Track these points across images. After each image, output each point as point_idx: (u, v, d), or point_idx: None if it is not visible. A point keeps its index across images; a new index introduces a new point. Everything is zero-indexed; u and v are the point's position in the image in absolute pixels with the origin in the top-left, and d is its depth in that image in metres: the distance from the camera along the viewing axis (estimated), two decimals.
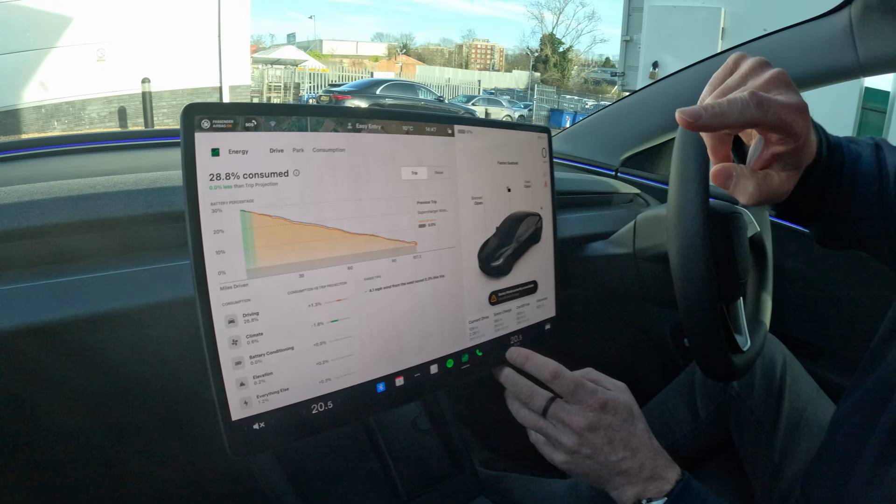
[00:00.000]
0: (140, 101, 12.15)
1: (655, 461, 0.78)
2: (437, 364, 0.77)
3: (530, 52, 61.72)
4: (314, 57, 39.91)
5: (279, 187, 0.61)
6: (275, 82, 20.32)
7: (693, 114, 0.56)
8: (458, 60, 69.61)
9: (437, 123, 0.75)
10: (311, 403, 0.65)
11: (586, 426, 0.76)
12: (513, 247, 0.84)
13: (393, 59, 63.39)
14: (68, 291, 0.68)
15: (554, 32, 59.77)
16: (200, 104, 0.56)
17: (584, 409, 0.77)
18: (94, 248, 0.74)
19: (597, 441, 0.77)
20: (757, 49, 1.70)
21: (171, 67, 13.20)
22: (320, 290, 0.65)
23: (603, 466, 0.77)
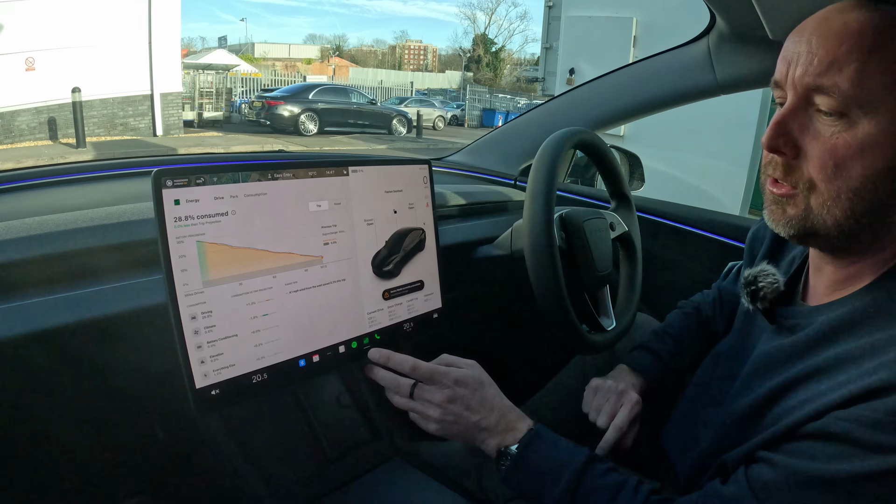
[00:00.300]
0: (70, 111, 11.92)
1: (508, 417, 1.00)
2: (344, 345, 1.03)
3: (463, 52, 61.58)
4: (246, 61, 39.13)
5: (222, 223, 0.86)
6: (206, 88, 19.84)
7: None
8: (392, 61, 68.89)
9: (334, 167, 1.00)
10: (251, 375, 0.90)
11: (445, 399, 0.98)
12: (400, 255, 1.10)
13: (326, 61, 62.36)
14: (64, 303, 0.88)
15: (486, 32, 59.75)
16: (166, 170, 0.81)
17: (441, 388, 0.99)
18: (81, 271, 0.93)
19: (456, 409, 0.98)
20: (631, 73, 1.96)
21: (102, 75, 12.88)
22: (254, 293, 0.90)
23: (467, 428, 0.98)
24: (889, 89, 0.70)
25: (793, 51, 0.77)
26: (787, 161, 0.78)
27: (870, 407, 0.68)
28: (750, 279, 0.96)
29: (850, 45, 0.71)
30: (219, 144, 14.44)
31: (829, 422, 0.71)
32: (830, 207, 0.75)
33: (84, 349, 0.91)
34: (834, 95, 0.72)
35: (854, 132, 0.72)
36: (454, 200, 1.60)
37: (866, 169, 0.72)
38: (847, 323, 0.79)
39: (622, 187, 1.60)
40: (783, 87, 0.79)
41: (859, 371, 0.72)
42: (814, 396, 0.76)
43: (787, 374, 0.82)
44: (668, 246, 1.94)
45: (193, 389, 0.85)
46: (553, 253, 1.21)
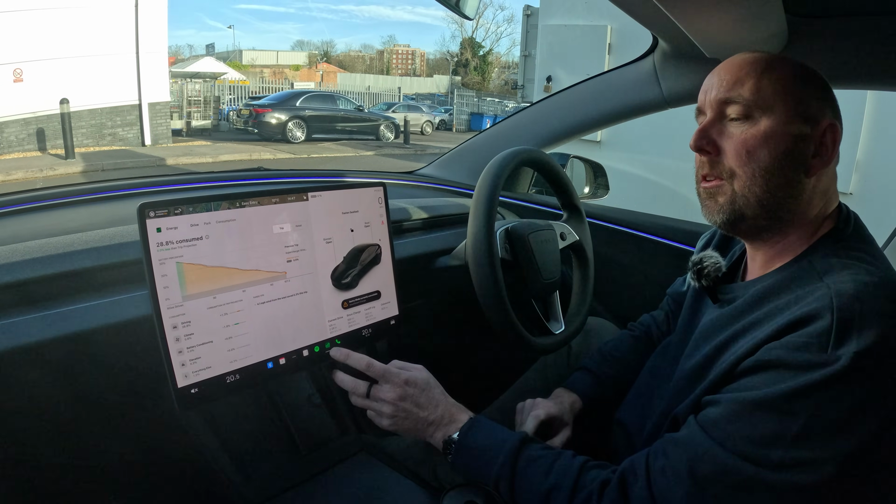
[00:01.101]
0: (59, 122, 11.90)
1: (451, 411, 1.13)
2: (308, 349, 1.17)
3: (450, 56, 61.30)
4: (234, 68, 38.95)
5: (197, 247, 1.00)
6: (194, 96, 19.76)
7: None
8: (380, 66, 68.29)
9: (295, 193, 1.15)
10: (225, 376, 1.04)
11: (397, 397, 1.12)
12: (357, 269, 1.24)
13: (314, 67, 61.78)
14: (59, 318, 1.00)
15: (474, 36, 59.38)
16: (149, 203, 0.96)
17: (394, 386, 1.13)
18: (75, 288, 1.06)
19: (407, 406, 1.12)
20: (582, 91, 2.08)
21: (90, 85, 12.87)
22: (227, 305, 1.04)
23: (416, 423, 1.12)
24: (779, 95, 0.94)
25: (708, 83, 1.01)
26: (711, 159, 0.99)
27: (796, 334, 0.82)
28: (696, 260, 1.11)
29: (747, 69, 0.97)
30: (207, 153, 14.43)
31: (762, 354, 0.85)
32: (751, 186, 0.95)
33: (79, 357, 1.03)
34: (740, 102, 0.95)
35: (758, 128, 0.94)
36: (417, 214, 1.72)
37: (771, 153, 0.94)
38: (775, 287, 0.94)
39: (572, 199, 1.73)
40: (703, 110, 1.01)
41: (782, 315, 0.87)
42: (749, 342, 0.89)
43: (726, 333, 0.96)
44: (625, 252, 2.05)
45: (176, 388, 0.99)
46: (493, 263, 1.35)
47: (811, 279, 0.90)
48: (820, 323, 0.81)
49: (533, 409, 1.34)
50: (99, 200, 1.51)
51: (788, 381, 0.80)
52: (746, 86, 0.95)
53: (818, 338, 0.80)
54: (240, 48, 62.93)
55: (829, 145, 0.95)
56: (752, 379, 0.85)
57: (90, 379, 1.08)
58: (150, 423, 1.17)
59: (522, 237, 1.52)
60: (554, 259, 1.60)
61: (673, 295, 1.48)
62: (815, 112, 0.95)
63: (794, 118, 0.94)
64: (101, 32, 13.09)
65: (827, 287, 0.85)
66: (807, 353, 0.80)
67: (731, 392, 0.87)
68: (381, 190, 1.31)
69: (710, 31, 1.36)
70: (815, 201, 0.97)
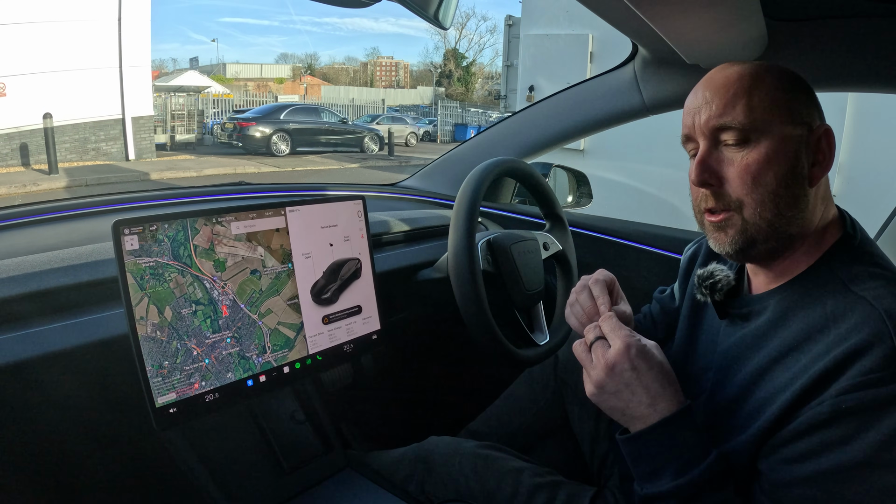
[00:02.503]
0: (42, 137, 11.82)
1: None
2: (288, 366, 1.15)
3: (434, 67, 61.59)
4: (218, 81, 38.89)
5: None
6: (178, 110, 19.76)
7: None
8: (364, 79, 68.57)
9: (273, 208, 1.14)
10: (205, 394, 1.03)
11: (613, 363, 0.93)
12: (337, 284, 1.23)
13: (298, 80, 62.03)
14: (36, 336, 0.99)
15: (457, 47, 59.68)
16: (124, 220, 0.95)
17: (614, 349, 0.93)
18: (51, 307, 1.05)
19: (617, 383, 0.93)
20: (565, 99, 2.08)
21: (73, 99, 12.80)
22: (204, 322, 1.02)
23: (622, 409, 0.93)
24: (772, 112, 0.90)
25: (693, 106, 0.95)
26: (714, 191, 0.93)
27: (858, 367, 0.78)
28: (706, 275, 1.06)
29: (735, 90, 0.91)
30: (191, 167, 14.40)
31: (834, 403, 0.79)
32: (761, 212, 0.91)
33: (55, 377, 1.01)
34: (736, 127, 0.90)
35: (758, 150, 0.89)
36: (398, 227, 1.71)
37: (777, 174, 0.89)
38: (800, 300, 0.91)
39: (555, 208, 1.72)
40: (693, 137, 0.96)
41: (832, 338, 0.83)
42: (799, 372, 0.84)
43: (761, 356, 0.92)
44: (609, 261, 2.03)
45: (154, 408, 0.97)
46: (474, 275, 1.33)
47: (838, 289, 0.87)
48: (880, 349, 0.77)
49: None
50: (77, 217, 1.49)
51: (881, 427, 0.76)
52: (738, 108, 0.90)
53: (888, 366, 0.76)
54: (224, 61, 63.16)
55: (826, 150, 0.93)
56: (834, 432, 0.79)
57: (68, 399, 1.05)
58: (130, 443, 1.16)
59: (505, 248, 1.51)
60: (537, 269, 1.59)
61: (661, 302, 1.44)
62: (807, 119, 0.92)
63: (790, 132, 0.90)
64: (85, 46, 13.04)
65: (871, 306, 0.81)
66: (884, 389, 0.76)
67: (818, 456, 0.80)
68: (360, 203, 1.30)
69: (689, 38, 1.35)
70: (818, 209, 0.94)
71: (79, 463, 1.15)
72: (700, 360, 1.10)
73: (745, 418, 0.91)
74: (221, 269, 1.06)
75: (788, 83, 0.93)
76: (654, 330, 1.39)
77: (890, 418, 0.75)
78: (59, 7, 12.42)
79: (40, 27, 12.26)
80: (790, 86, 0.93)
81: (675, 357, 1.18)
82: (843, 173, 4.41)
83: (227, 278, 1.07)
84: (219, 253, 1.06)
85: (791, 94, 0.92)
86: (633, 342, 0.92)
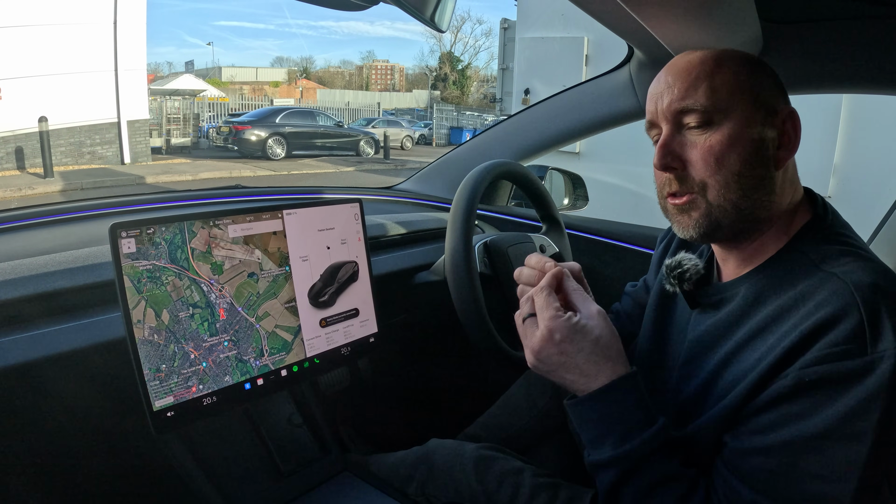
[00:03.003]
0: (37, 141, 11.81)
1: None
2: (286, 369, 1.15)
3: (429, 70, 61.59)
4: (213, 85, 38.86)
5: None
6: (174, 114, 19.74)
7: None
8: (359, 82, 68.56)
9: (270, 211, 1.14)
10: (202, 398, 1.03)
11: (538, 346, 0.92)
12: (334, 287, 1.23)
13: (293, 83, 61.91)
14: (32, 340, 0.98)
15: (452, 50, 59.62)
16: (121, 223, 0.95)
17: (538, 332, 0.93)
18: (48, 310, 1.05)
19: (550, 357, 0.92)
20: (559, 102, 2.08)
21: (68, 103, 12.79)
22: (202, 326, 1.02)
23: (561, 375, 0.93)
24: (735, 95, 0.90)
25: (655, 91, 0.96)
26: (678, 174, 0.93)
27: (826, 340, 0.77)
28: (674, 265, 1.05)
29: (697, 73, 0.92)
30: (187, 171, 14.38)
31: (800, 375, 0.78)
32: (725, 194, 0.90)
33: (52, 381, 1.01)
34: (698, 109, 0.90)
35: (721, 132, 0.90)
36: (394, 230, 1.72)
37: (740, 155, 0.89)
38: (771, 283, 0.91)
39: (551, 211, 1.73)
40: (657, 123, 0.96)
41: (800, 314, 0.83)
42: (768, 350, 0.84)
43: (731, 342, 0.92)
44: (606, 262, 2.04)
45: (151, 411, 0.97)
46: (472, 278, 1.33)
47: (809, 269, 0.87)
48: (849, 322, 0.77)
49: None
50: (73, 220, 1.49)
51: (843, 401, 0.76)
52: (700, 90, 0.90)
53: (854, 340, 0.76)
54: (219, 65, 63.37)
55: (792, 133, 0.93)
56: (796, 405, 0.79)
57: (71, 400, 1.05)
58: (132, 445, 1.15)
59: (501, 250, 1.51)
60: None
61: (633, 296, 1.44)
62: (772, 102, 0.92)
63: (754, 114, 0.91)
64: (80, 50, 13.02)
65: (840, 280, 0.81)
66: (849, 361, 0.76)
67: (778, 427, 0.81)
68: (356, 206, 1.30)
69: (684, 40, 1.35)
70: (787, 191, 0.94)
71: (81, 464, 1.15)
72: (670, 350, 1.10)
73: (714, 400, 0.91)
74: (219, 272, 1.06)
75: (751, 67, 0.93)
76: (630, 325, 1.39)
77: (854, 391, 0.76)
78: (54, 10, 12.39)
79: (36, 30, 12.24)
80: (753, 69, 0.93)
81: (642, 348, 1.19)
82: (838, 174, 4.42)
83: (224, 281, 1.07)
84: (216, 256, 1.06)
85: (754, 77, 0.92)
86: (556, 326, 0.91)
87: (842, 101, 4.36)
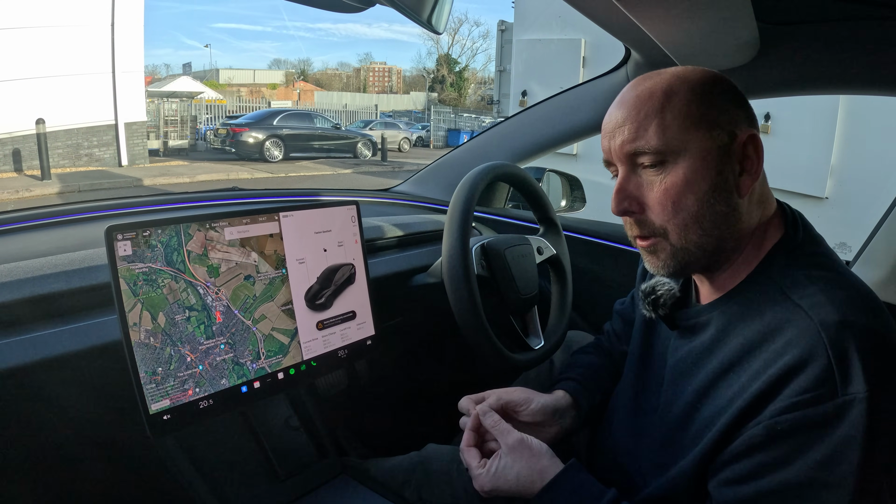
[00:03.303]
0: (35, 143, 11.83)
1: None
2: (283, 372, 1.15)
3: (427, 72, 61.64)
4: (211, 87, 38.89)
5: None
6: (171, 116, 19.77)
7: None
8: (357, 84, 68.54)
9: (267, 213, 1.13)
10: (199, 401, 1.02)
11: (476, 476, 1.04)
12: (331, 289, 1.22)
13: (291, 86, 61.95)
14: (31, 342, 0.98)
15: (450, 53, 59.76)
16: (117, 225, 0.94)
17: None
18: (45, 313, 1.04)
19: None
20: (556, 104, 2.08)
21: (66, 105, 12.79)
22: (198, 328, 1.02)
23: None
24: (688, 130, 0.88)
25: (608, 128, 0.94)
26: (637, 218, 0.93)
27: (795, 384, 0.78)
28: (648, 290, 1.07)
29: (646, 111, 0.89)
30: (184, 173, 14.39)
31: (773, 424, 0.79)
32: (686, 236, 0.90)
33: (48, 384, 1.00)
34: (649, 152, 0.88)
35: (676, 173, 0.88)
36: (391, 232, 1.71)
37: (697, 195, 0.88)
38: (741, 312, 0.91)
39: (548, 213, 1.72)
40: (612, 161, 0.95)
41: (769, 353, 0.83)
42: (739, 391, 0.85)
43: (705, 373, 0.93)
44: (603, 264, 2.05)
45: (147, 415, 0.96)
46: (469, 280, 1.33)
47: (776, 298, 0.87)
48: (816, 364, 0.77)
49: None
50: (70, 223, 1.48)
51: (819, 448, 0.76)
52: (650, 131, 0.88)
53: (824, 383, 0.76)
54: (217, 67, 63.31)
55: (754, 157, 0.90)
56: (771, 453, 0.80)
57: (66, 404, 1.04)
58: (128, 449, 1.14)
59: (499, 252, 1.50)
60: (531, 274, 1.59)
61: (622, 314, 1.45)
62: (730, 126, 0.89)
63: (709, 145, 0.88)
64: (77, 52, 13.02)
65: (807, 317, 0.81)
66: (820, 406, 0.76)
67: (759, 477, 0.81)
68: (353, 208, 1.30)
69: (682, 42, 1.35)
70: (754, 213, 0.93)
71: (77, 468, 1.14)
72: (655, 371, 1.11)
73: (692, 438, 0.92)
74: (215, 274, 1.06)
75: (705, 92, 0.90)
76: (619, 344, 1.40)
77: (828, 438, 0.76)
78: (52, 12, 12.39)
79: (33, 32, 12.23)
80: (707, 95, 0.90)
81: (630, 368, 1.21)
82: (835, 176, 4.43)
83: (220, 284, 1.06)
84: (212, 258, 1.05)
85: (708, 103, 0.89)
86: (482, 481, 1.02)
87: (839, 101, 4.37)
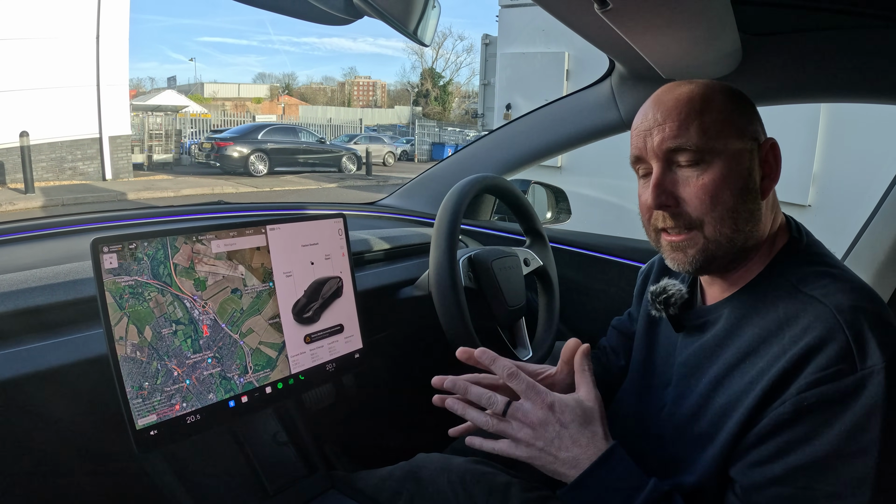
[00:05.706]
0: (18, 156, 11.71)
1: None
2: (271, 386, 1.14)
3: (411, 87, 61.82)
4: (195, 101, 38.85)
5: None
6: (156, 130, 19.76)
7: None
8: (341, 98, 68.72)
9: (253, 226, 1.13)
10: (186, 416, 1.01)
11: (538, 421, 0.93)
12: (319, 303, 1.22)
13: (275, 100, 62.04)
14: (15, 356, 0.97)
15: (434, 67, 59.94)
16: (103, 238, 0.94)
17: (536, 407, 0.94)
18: (29, 327, 1.03)
19: (548, 436, 0.93)
20: (541, 116, 2.09)
21: (50, 118, 12.70)
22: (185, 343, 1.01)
23: (553, 462, 0.93)
24: (724, 131, 0.92)
25: (643, 127, 0.96)
26: (672, 211, 0.94)
27: (816, 364, 0.80)
28: (659, 290, 1.08)
29: (687, 111, 0.93)
30: (169, 188, 14.32)
31: (796, 402, 0.81)
32: (721, 229, 0.92)
33: (34, 398, 0.99)
34: (690, 149, 0.91)
35: (713, 170, 0.91)
36: (378, 245, 1.71)
37: (733, 191, 0.91)
38: (755, 305, 0.94)
39: (534, 224, 1.73)
40: (645, 159, 0.97)
41: (787, 339, 0.86)
42: (758, 375, 0.87)
43: (719, 364, 0.94)
44: (590, 275, 2.05)
45: (134, 430, 0.95)
46: (457, 292, 1.33)
47: (789, 291, 0.90)
48: (836, 343, 0.80)
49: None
50: (54, 236, 1.47)
51: (844, 419, 0.79)
52: (692, 130, 0.92)
53: (844, 359, 0.79)
54: (201, 81, 63.17)
55: (773, 163, 0.96)
56: (799, 429, 0.81)
57: (55, 417, 1.04)
58: (111, 465, 1.13)
59: (486, 264, 1.51)
60: (518, 285, 1.59)
61: (619, 328, 1.42)
62: (755, 134, 0.95)
63: (741, 148, 0.93)
64: (62, 64, 12.95)
65: (822, 304, 0.85)
66: (842, 381, 0.79)
67: (786, 454, 0.82)
68: (340, 221, 1.30)
69: (665, 53, 1.36)
70: (769, 218, 0.97)
71: (64, 483, 1.13)
72: (659, 374, 1.12)
73: (707, 426, 0.93)
74: (202, 288, 1.05)
75: (736, 101, 0.96)
76: (616, 358, 1.39)
77: (852, 409, 0.78)
78: (36, 24, 12.33)
79: (17, 44, 12.16)
80: (738, 103, 0.95)
81: (633, 374, 1.21)
82: (818, 184, 4.47)
83: (207, 297, 1.06)
84: (199, 272, 1.05)
85: (739, 111, 0.95)
86: (555, 398, 0.94)
87: (820, 110, 4.41)
